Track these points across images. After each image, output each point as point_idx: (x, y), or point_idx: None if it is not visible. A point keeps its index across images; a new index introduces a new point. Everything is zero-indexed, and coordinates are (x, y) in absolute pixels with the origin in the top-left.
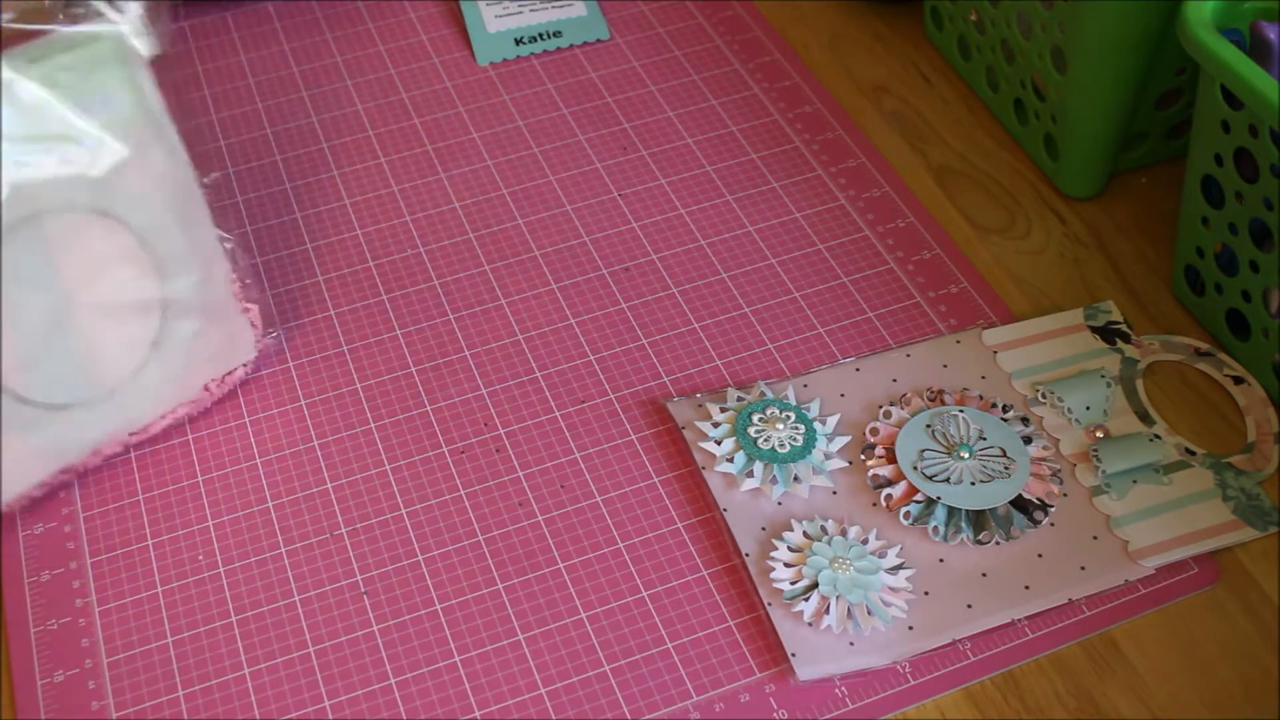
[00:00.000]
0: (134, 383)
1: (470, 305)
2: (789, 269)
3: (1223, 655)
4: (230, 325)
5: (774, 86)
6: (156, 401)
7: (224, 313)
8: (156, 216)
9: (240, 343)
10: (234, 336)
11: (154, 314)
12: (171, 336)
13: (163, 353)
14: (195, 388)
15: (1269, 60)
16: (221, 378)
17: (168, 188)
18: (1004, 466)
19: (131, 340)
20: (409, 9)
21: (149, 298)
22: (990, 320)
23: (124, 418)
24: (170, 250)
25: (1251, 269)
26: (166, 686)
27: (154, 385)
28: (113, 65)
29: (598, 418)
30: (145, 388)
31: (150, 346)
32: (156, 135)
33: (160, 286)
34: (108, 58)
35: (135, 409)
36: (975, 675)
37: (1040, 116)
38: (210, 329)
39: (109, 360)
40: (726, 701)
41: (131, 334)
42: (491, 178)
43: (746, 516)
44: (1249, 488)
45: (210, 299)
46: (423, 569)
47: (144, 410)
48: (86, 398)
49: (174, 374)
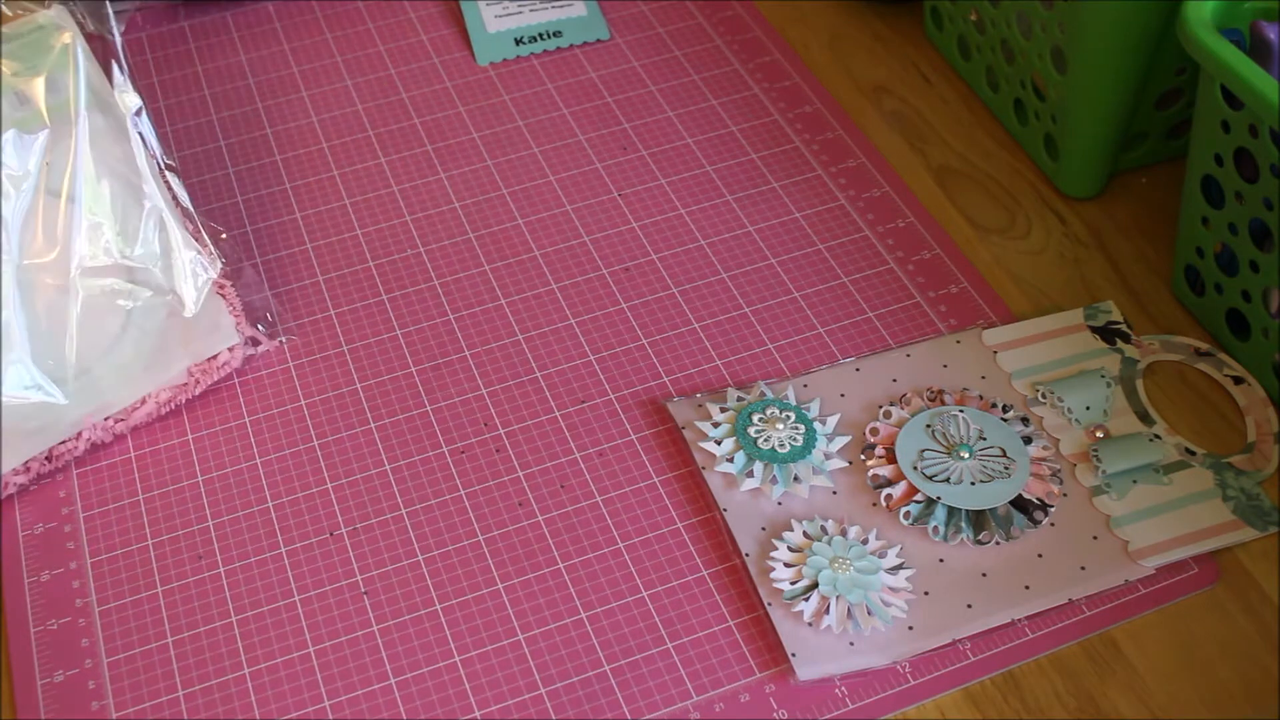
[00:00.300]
0: (107, 361)
1: (470, 305)
2: (789, 269)
3: (1223, 655)
4: (205, 306)
5: (774, 86)
6: (132, 382)
7: (195, 292)
8: (109, 194)
9: (220, 325)
10: (211, 319)
11: (120, 294)
12: (140, 315)
13: (133, 331)
14: (176, 370)
15: (1269, 60)
16: (205, 362)
17: (117, 166)
18: (1004, 466)
19: (99, 318)
20: (409, 9)
21: (111, 277)
22: (990, 320)
23: (100, 399)
24: (125, 227)
25: (1251, 269)
26: (166, 686)
27: (128, 365)
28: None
29: (598, 418)
30: (119, 367)
31: (120, 326)
32: (102, 115)
33: (121, 265)
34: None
35: (112, 390)
36: (975, 675)
37: (1040, 116)
38: (181, 308)
39: (77, 338)
40: (726, 701)
41: (98, 311)
42: (491, 178)
43: (746, 516)
44: (1249, 488)
45: (176, 277)
46: (423, 569)
47: (122, 392)
48: (64, 375)
49: (148, 353)
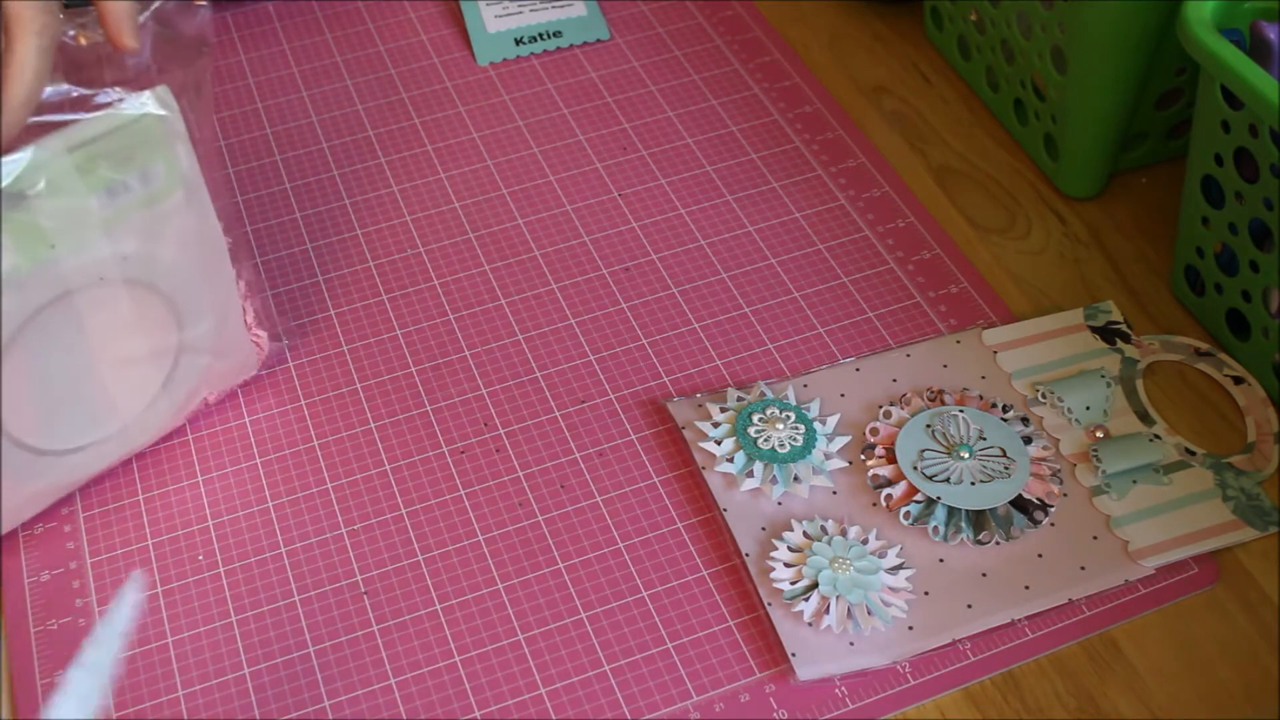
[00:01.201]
0: (144, 418)
1: (470, 305)
2: (789, 269)
3: (1223, 655)
4: (239, 354)
5: (774, 86)
6: (160, 429)
7: (235, 346)
8: (185, 277)
9: (245, 365)
10: (241, 363)
11: (169, 357)
12: (183, 374)
13: (172, 388)
14: (196, 403)
15: (1269, 60)
16: (219, 392)
17: (196, 249)
18: (1004, 466)
19: (145, 383)
20: (409, 9)
21: (167, 346)
22: (990, 320)
23: (129, 447)
24: (192, 303)
25: (1251, 269)
26: (166, 686)
27: (161, 416)
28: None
29: (598, 418)
30: (152, 419)
31: (161, 385)
32: (189, 200)
33: (179, 335)
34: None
35: (140, 437)
36: (975, 675)
37: (1040, 116)
38: (219, 361)
39: (123, 403)
40: (726, 701)
41: (146, 377)
42: (491, 178)
43: (746, 516)
44: (1249, 488)
45: (224, 338)
46: (423, 569)
47: (148, 437)
48: (98, 439)
49: (180, 402)
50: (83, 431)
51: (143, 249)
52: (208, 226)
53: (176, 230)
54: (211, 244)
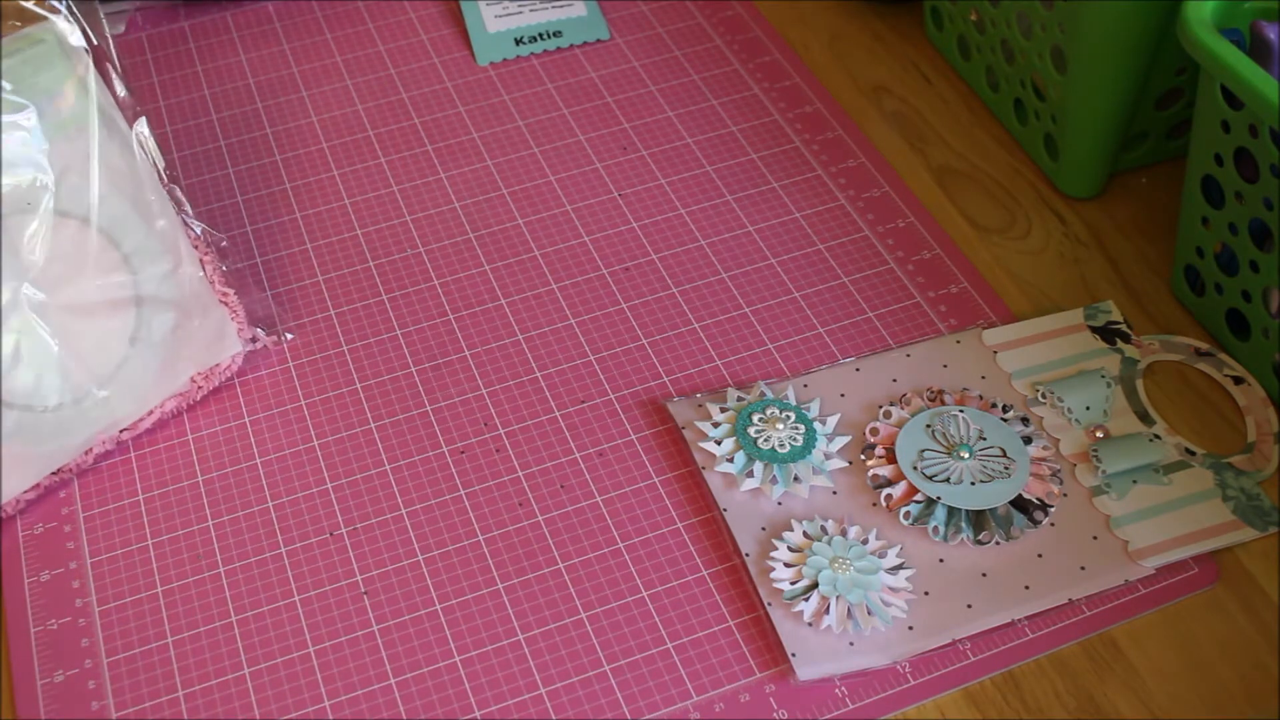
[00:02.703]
0: (117, 379)
1: (470, 305)
2: (789, 269)
3: (1223, 655)
4: (210, 316)
5: (774, 86)
6: (142, 397)
7: (201, 303)
8: (118, 213)
9: (224, 334)
10: (216, 328)
11: (128, 309)
12: (149, 330)
13: (142, 347)
14: (181, 380)
15: (1269, 60)
16: (208, 370)
17: (128, 185)
18: (1004, 466)
19: (109, 336)
20: (409, 9)
21: (121, 293)
22: (990, 320)
23: (111, 416)
24: (136, 244)
25: (1251, 269)
26: (166, 686)
27: (137, 380)
28: (57, 65)
29: (598, 418)
30: (129, 383)
31: (129, 342)
32: (108, 130)
33: (131, 280)
34: (50, 58)
35: (122, 406)
36: (975, 675)
37: (1040, 116)
38: (188, 320)
39: (89, 358)
40: (726, 701)
41: (108, 330)
42: (491, 178)
43: (746, 516)
44: (1249, 488)
45: (184, 289)
46: (423, 569)
47: (130, 407)
48: (71, 397)
49: (156, 367)
50: (53, 386)
51: (67, 180)
52: (135, 164)
53: (103, 164)
54: (143, 182)
